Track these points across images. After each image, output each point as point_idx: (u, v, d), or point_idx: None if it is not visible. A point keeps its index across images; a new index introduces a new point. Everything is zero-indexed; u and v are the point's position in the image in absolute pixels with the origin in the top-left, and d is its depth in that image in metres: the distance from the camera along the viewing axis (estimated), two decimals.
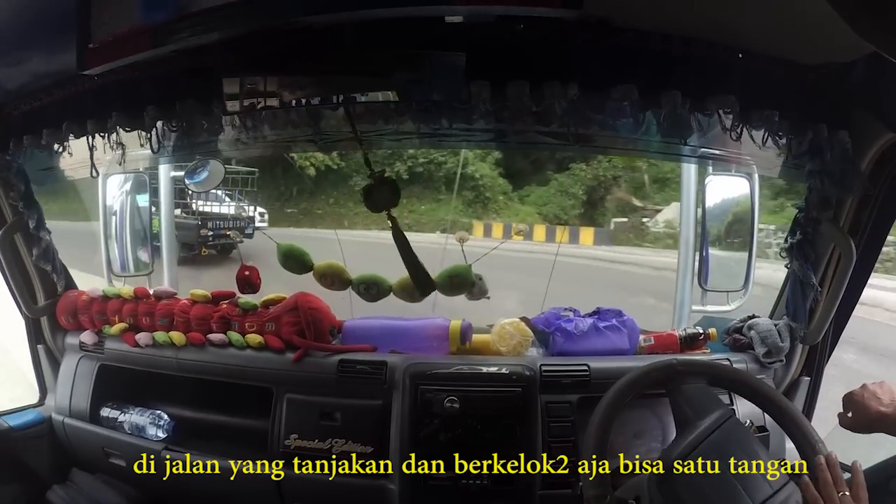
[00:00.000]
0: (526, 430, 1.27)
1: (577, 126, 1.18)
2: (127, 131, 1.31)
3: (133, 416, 1.56)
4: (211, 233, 7.33)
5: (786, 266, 1.40)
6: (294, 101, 1.18)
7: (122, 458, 1.56)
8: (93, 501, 1.64)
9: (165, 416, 1.54)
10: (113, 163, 1.51)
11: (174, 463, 1.46)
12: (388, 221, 1.30)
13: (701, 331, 1.49)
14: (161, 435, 1.52)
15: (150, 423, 1.53)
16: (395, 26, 1.06)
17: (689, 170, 2.07)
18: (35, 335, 1.76)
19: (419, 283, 1.37)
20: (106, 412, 1.60)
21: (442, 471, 1.26)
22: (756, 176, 1.71)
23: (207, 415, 1.54)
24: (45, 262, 1.66)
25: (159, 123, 1.27)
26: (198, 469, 1.44)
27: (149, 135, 1.30)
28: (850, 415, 1.11)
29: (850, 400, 1.12)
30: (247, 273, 1.56)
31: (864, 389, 1.09)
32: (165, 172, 2.23)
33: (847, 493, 0.88)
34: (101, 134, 1.32)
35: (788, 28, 1.03)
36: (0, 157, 1.46)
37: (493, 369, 1.31)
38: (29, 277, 1.69)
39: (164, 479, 1.50)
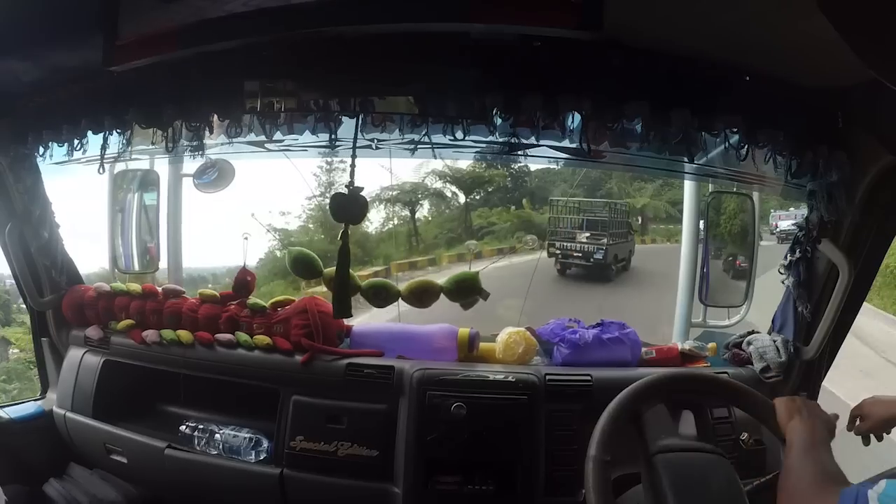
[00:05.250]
0: (530, 437, 1.29)
1: (590, 140, 1.20)
2: (143, 128, 1.33)
3: (227, 437, 1.44)
4: (559, 252, 8.88)
5: (782, 282, 1.44)
6: (312, 107, 1.22)
7: (124, 455, 1.55)
8: (89, 496, 1.63)
9: (265, 440, 1.43)
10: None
11: (176, 461, 1.46)
12: (340, 236, 1.30)
13: (701, 346, 1.52)
14: (261, 457, 1.42)
15: (245, 446, 1.43)
16: (415, 39, 1.08)
17: (692, 187, 2.11)
18: (39, 328, 1.76)
19: (339, 304, 1.34)
20: (185, 429, 1.50)
21: (447, 476, 1.28)
22: (757, 194, 1.75)
23: (212, 414, 1.54)
24: (44, 258, 1.67)
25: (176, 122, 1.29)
26: (200, 468, 1.45)
27: (165, 133, 1.31)
28: (864, 422, 1.21)
29: (861, 409, 1.22)
30: (248, 278, 1.58)
31: (874, 399, 1.22)
32: (175, 171, 2.24)
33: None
34: (119, 130, 1.33)
35: (793, 51, 1.06)
36: (18, 150, 1.47)
37: (499, 377, 1.33)
38: (36, 270, 1.69)
39: (166, 477, 1.50)
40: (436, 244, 10.97)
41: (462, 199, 12.16)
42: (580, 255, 8.74)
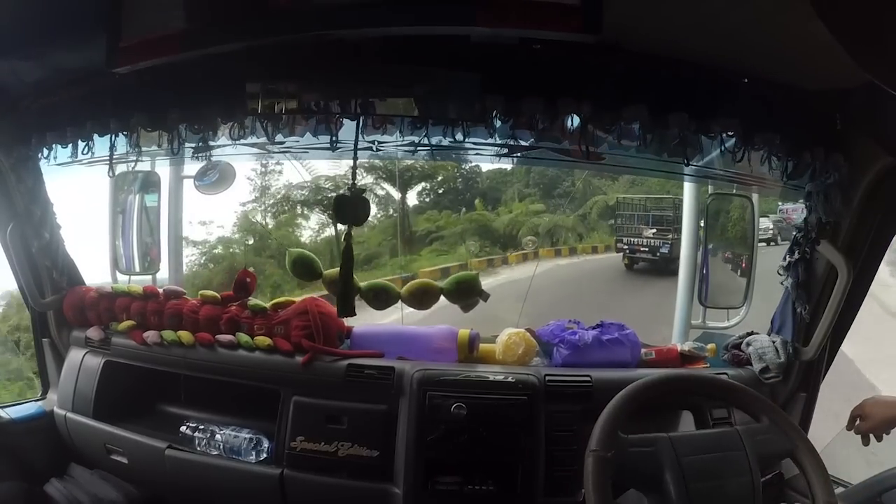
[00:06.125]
0: (530, 437, 1.29)
1: (588, 143, 1.21)
2: (148, 131, 1.34)
3: (227, 437, 1.45)
4: (626, 247, 9.43)
5: (781, 283, 1.44)
6: (314, 108, 1.22)
7: (125, 456, 1.56)
8: (91, 496, 1.63)
9: (265, 441, 1.43)
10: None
11: (177, 462, 1.47)
12: (343, 238, 1.30)
13: (701, 347, 1.53)
14: (261, 458, 1.42)
15: (246, 446, 1.43)
16: (417, 42, 1.09)
17: (691, 189, 2.13)
18: (40, 329, 1.77)
19: (343, 304, 1.33)
20: (186, 430, 1.50)
21: (447, 476, 1.28)
22: (756, 196, 1.76)
23: (213, 415, 1.55)
24: (45, 258, 1.67)
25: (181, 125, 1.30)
26: (201, 469, 1.45)
27: (169, 135, 1.32)
28: (864, 421, 1.24)
29: (861, 409, 1.25)
30: (247, 279, 1.58)
31: (875, 399, 1.26)
32: (175, 173, 2.25)
33: None
34: (124, 133, 1.34)
35: (791, 54, 1.07)
36: (21, 150, 1.48)
37: (499, 377, 1.33)
38: (37, 271, 1.70)
39: (166, 477, 1.50)
40: (371, 256, 9.40)
41: (402, 200, 10.41)
42: (647, 249, 9.10)
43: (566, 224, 10.99)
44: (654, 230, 9.19)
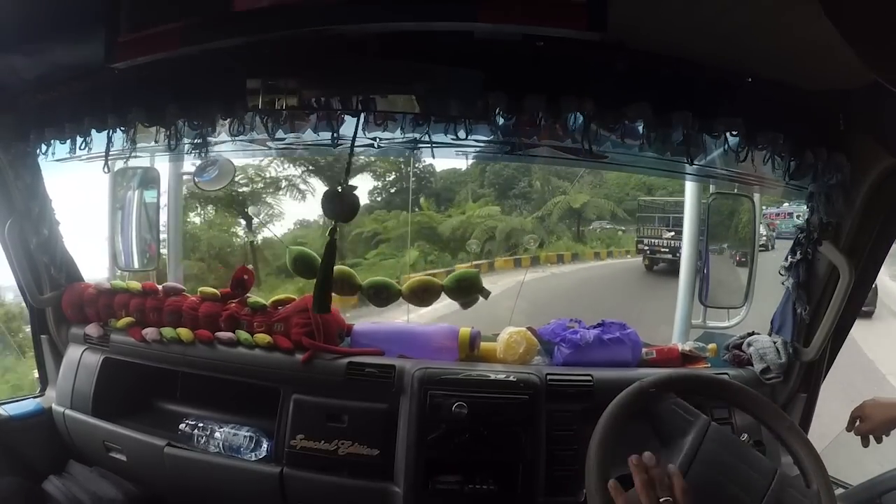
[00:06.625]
0: (531, 436, 1.29)
1: (591, 142, 1.21)
2: (146, 126, 1.33)
3: (227, 435, 1.44)
4: (647, 248, 10.11)
5: (783, 283, 1.44)
6: (314, 105, 1.21)
7: (123, 453, 1.55)
8: (89, 493, 1.63)
9: (264, 439, 1.42)
10: None
11: (176, 460, 1.46)
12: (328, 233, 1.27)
13: (701, 347, 1.53)
14: (261, 456, 1.42)
15: (245, 445, 1.43)
16: (419, 39, 1.08)
17: (693, 188, 2.12)
18: (39, 325, 1.76)
19: (319, 299, 1.30)
20: (185, 427, 1.50)
21: (447, 475, 1.28)
22: (757, 196, 1.76)
23: (212, 413, 1.54)
24: (44, 255, 1.66)
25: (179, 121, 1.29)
26: (200, 467, 1.45)
27: (168, 131, 1.31)
28: (864, 423, 1.25)
29: (861, 410, 1.26)
30: (245, 276, 1.58)
31: (875, 401, 1.27)
32: (175, 169, 2.23)
33: (670, 499, 0.83)
34: (122, 129, 1.33)
35: (794, 54, 1.07)
36: (19, 146, 1.47)
37: (500, 376, 1.33)
38: (36, 267, 1.69)
39: (165, 475, 1.50)
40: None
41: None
42: (667, 250, 9.52)
43: (525, 227, 10.30)
44: (673, 232, 9.45)
